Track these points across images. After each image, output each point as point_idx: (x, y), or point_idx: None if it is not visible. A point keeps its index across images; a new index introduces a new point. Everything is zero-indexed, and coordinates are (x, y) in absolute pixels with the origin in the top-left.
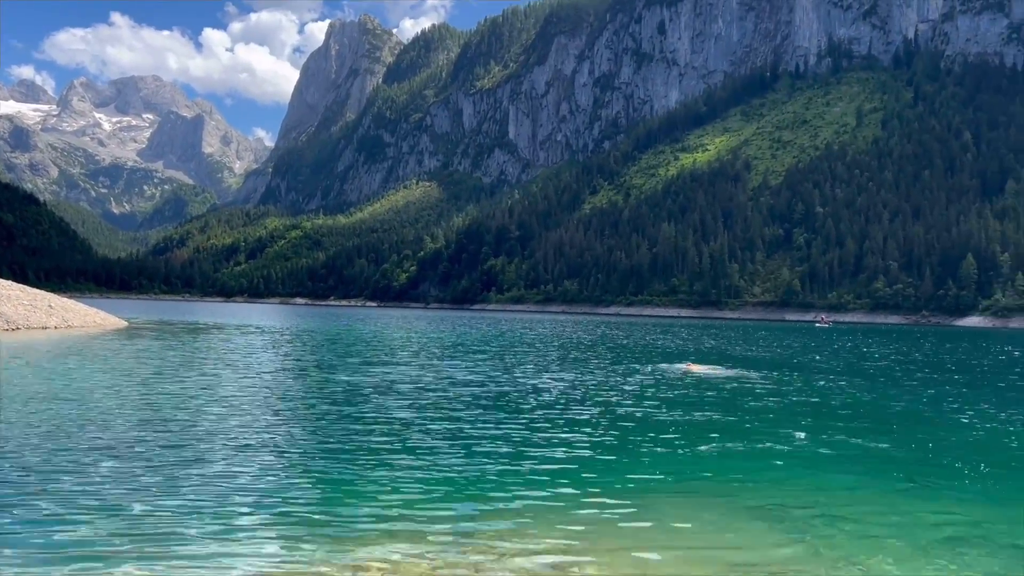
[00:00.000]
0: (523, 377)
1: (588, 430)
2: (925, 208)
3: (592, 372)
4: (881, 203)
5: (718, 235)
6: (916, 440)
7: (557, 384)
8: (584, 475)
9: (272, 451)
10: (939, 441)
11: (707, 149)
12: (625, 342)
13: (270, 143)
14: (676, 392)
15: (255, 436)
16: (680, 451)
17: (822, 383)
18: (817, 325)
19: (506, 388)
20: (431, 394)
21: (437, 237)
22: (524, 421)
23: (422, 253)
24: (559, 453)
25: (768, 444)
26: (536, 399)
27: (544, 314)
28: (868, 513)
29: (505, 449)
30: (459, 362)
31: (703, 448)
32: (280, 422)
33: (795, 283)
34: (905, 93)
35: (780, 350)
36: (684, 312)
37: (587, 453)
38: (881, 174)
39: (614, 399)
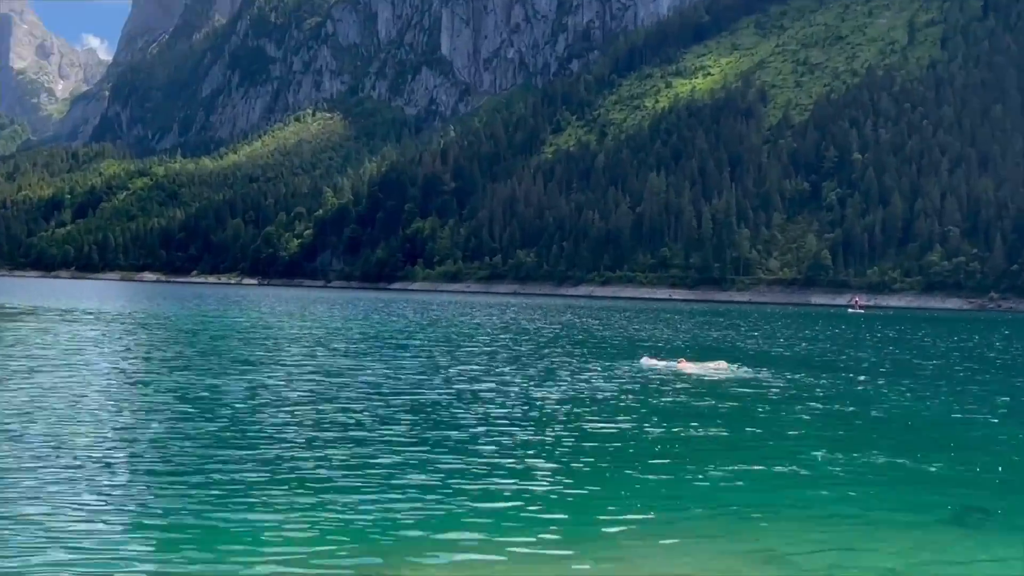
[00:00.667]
0: (461, 383)
1: (547, 455)
2: (996, 156)
3: (555, 375)
4: (939, 148)
5: (723, 190)
6: (981, 465)
7: (507, 392)
8: (542, 518)
9: (98, 489)
10: (1013, 467)
11: (709, 73)
12: (600, 333)
13: (106, 56)
14: (664, 400)
15: (72, 470)
16: (669, 482)
17: (859, 388)
18: (851, 311)
19: (436, 398)
20: (330, 407)
21: (342, 190)
22: (460, 444)
23: (321, 212)
24: (508, 488)
25: (785, 468)
26: (477, 414)
27: (491, 296)
28: (916, 565)
29: (432, 483)
30: (371, 362)
31: (700, 477)
32: (113, 444)
33: (824, 255)
34: (973, 1)
35: (803, 344)
36: (678, 293)
37: (546, 487)
38: (939, 110)
39: (583, 412)
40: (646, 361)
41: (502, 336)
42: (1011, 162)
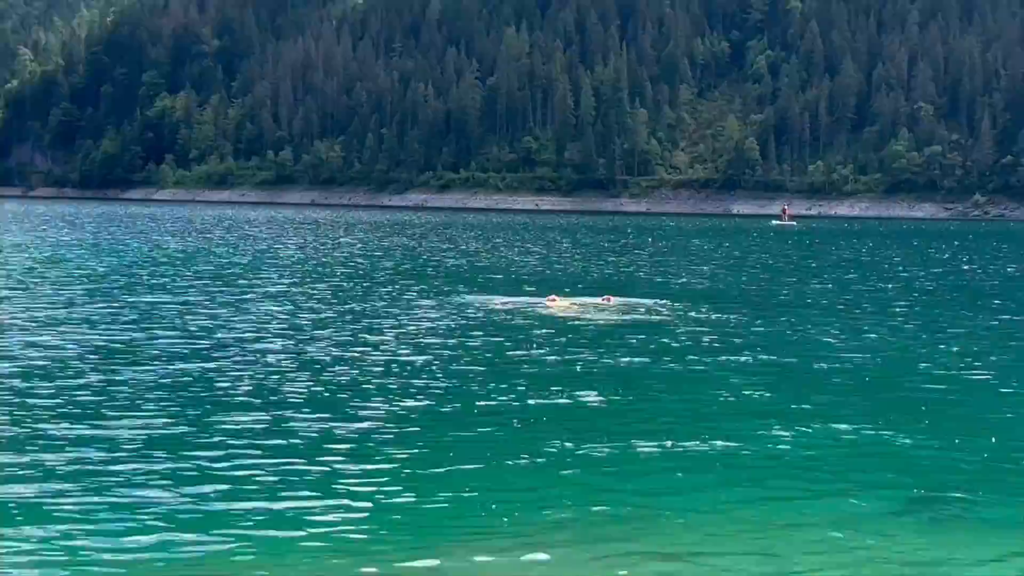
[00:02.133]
0: (227, 340)
1: (348, 434)
2: (982, 3)
3: (372, 319)
4: None
5: (610, 55)
6: (965, 434)
7: (298, 348)
8: (339, 537)
9: None
10: (1004, 441)
11: None
12: (440, 260)
13: None
14: (525, 350)
15: None
16: (533, 468)
17: (802, 332)
18: (776, 223)
19: (188, 365)
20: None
21: (47, 51)
22: (222, 430)
23: (15, 84)
24: (298, 487)
25: (707, 445)
26: (249, 382)
27: (277, 208)
28: (871, 559)
29: (167, 499)
30: (81, 309)
31: (576, 453)
32: None
33: (749, 145)
34: None
35: (721, 271)
36: (548, 201)
37: (350, 485)
38: None
39: (406, 373)
40: (500, 301)
41: (296, 267)
42: (1005, 12)
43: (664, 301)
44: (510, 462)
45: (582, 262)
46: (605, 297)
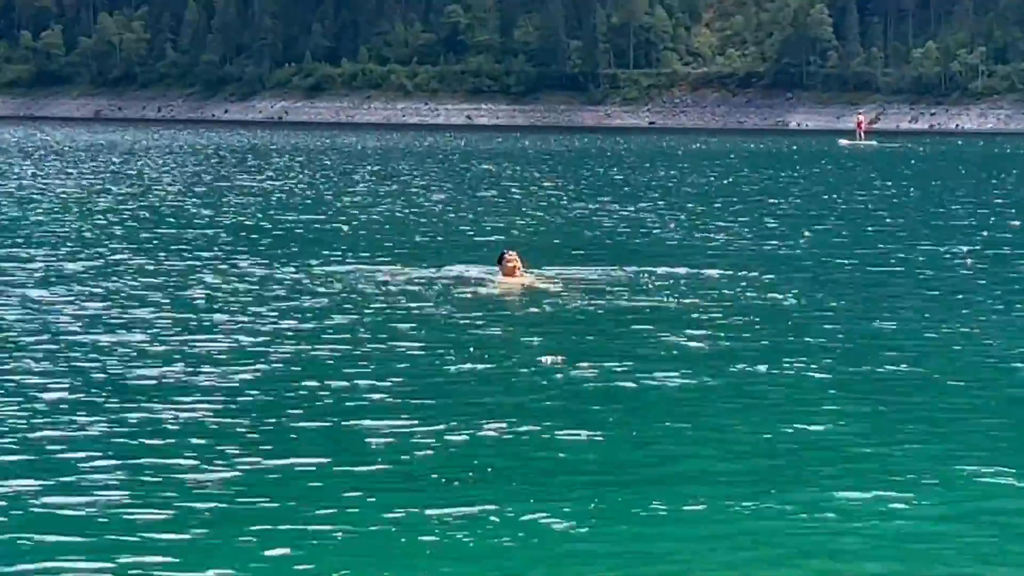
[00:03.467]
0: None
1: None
2: None
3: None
4: None
5: None
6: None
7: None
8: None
9: None
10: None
11: None
12: (302, 215)
13: None
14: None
15: None
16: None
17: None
18: (843, 141)
19: None
20: None
21: None
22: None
23: None
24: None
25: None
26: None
27: (36, 125)
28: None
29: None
30: None
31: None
32: None
33: (817, 17)
34: None
35: (777, 220)
36: (488, 112)
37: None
38: None
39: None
40: (409, 274)
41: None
42: None
43: (710, 273)
44: None
45: (555, 214)
46: (593, 271)
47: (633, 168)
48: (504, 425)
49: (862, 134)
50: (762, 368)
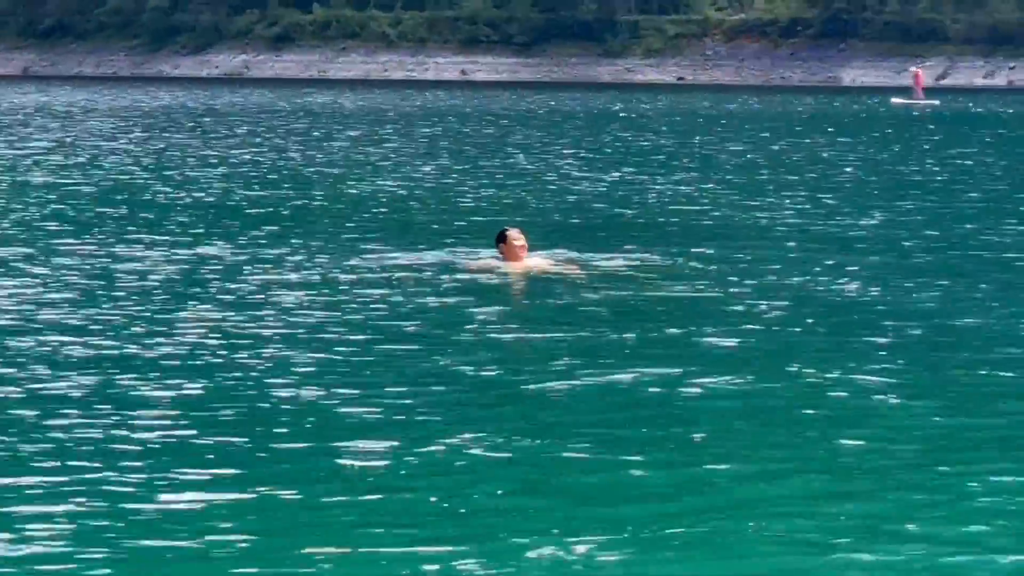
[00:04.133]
0: None
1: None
2: None
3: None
4: None
5: None
6: None
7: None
8: None
9: None
10: None
11: None
12: (290, 189)
13: None
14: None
15: None
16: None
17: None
18: (897, 100)
19: None
20: None
21: None
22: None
23: None
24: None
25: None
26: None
27: None
28: None
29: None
30: None
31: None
32: None
33: None
34: None
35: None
36: (485, 66)
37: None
38: None
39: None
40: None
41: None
42: None
43: (757, 257)
44: None
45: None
46: (612, 257)
47: (660, 133)
48: (513, 444)
49: (920, 91)
50: (820, 372)
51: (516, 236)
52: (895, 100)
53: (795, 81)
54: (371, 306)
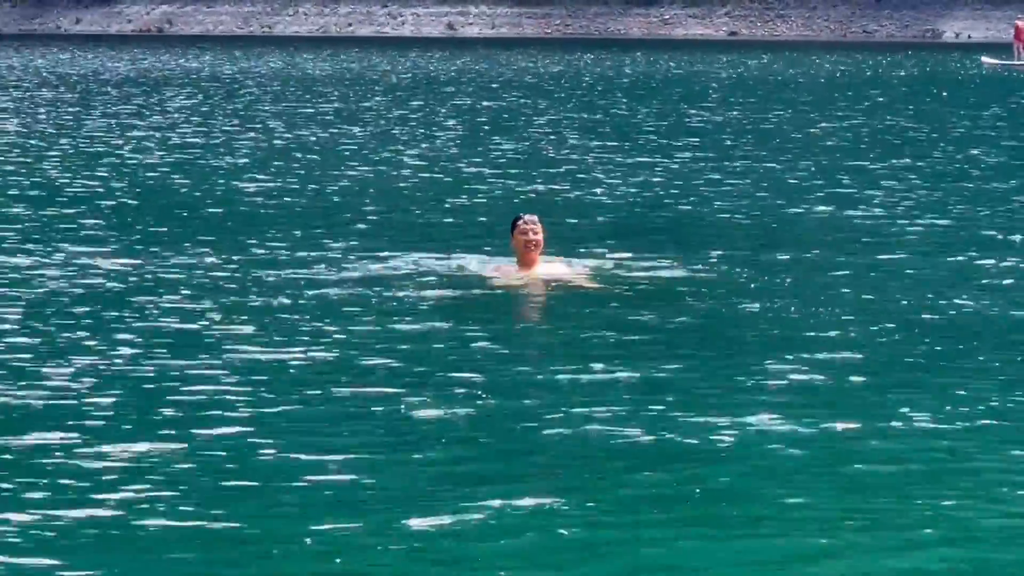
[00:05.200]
0: None
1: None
2: None
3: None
4: None
5: None
6: None
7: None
8: None
9: None
10: None
11: None
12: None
13: None
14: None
15: None
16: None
17: None
18: (986, 59)
19: None
20: None
21: None
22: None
23: None
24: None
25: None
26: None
27: None
28: None
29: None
30: None
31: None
32: None
33: None
34: None
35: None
36: (479, 19)
37: None
38: None
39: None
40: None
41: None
42: None
43: (851, 265)
44: None
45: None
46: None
47: (714, 104)
48: (533, 493)
49: (1021, 49)
50: (910, 416)
51: (528, 224)
52: (985, 59)
53: (882, 36)
54: (355, 320)
